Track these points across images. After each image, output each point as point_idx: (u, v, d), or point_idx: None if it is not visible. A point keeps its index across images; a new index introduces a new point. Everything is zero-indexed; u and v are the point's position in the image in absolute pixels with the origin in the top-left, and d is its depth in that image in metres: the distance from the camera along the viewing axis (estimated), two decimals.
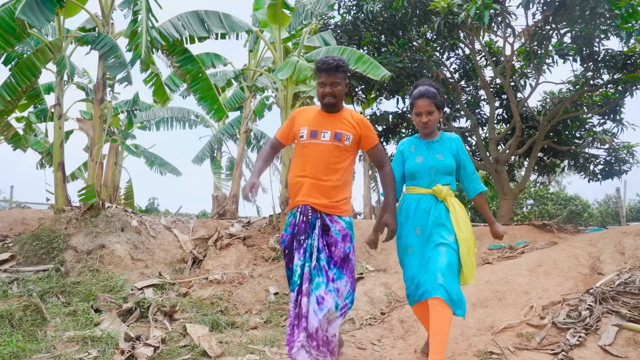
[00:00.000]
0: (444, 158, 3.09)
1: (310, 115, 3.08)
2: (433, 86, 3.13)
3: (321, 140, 2.97)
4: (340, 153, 2.99)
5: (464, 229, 2.96)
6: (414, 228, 3.07)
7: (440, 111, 3.14)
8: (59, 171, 6.91)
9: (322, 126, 3.01)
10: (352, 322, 4.69)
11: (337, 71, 2.97)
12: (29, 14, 5.66)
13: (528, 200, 21.23)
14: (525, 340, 3.76)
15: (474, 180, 3.18)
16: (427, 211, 3.04)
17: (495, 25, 9.22)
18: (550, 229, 7.11)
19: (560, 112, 10.09)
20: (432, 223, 3.00)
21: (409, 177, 3.19)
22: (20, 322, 3.84)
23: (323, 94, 2.99)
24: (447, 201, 3.04)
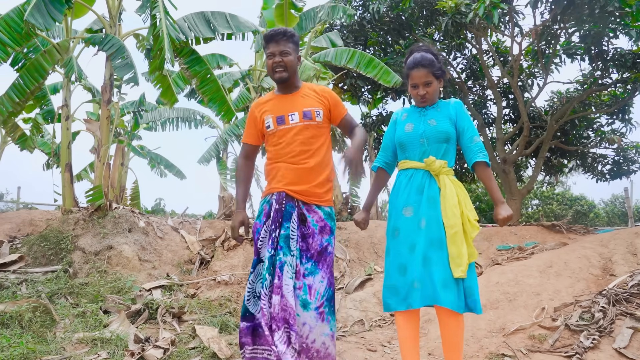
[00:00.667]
0: (437, 123, 2.64)
1: (270, 102, 2.81)
2: (430, 51, 2.70)
3: (290, 124, 2.71)
4: (313, 132, 2.72)
5: (450, 214, 2.49)
6: (402, 208, 2.63)
7: (441, 80, 2.70)
8: (66, 172, 6.92)
9: (286, 109, 2.74)
10: (362, 324, 4.67)
11: (287, 40, 2.71)
12: (37, 17, 5.68)
13: (533, 200, 21.15)
14: (537, 342, 3.72)
15: (471, 150, 2.63)
16: (420, 189, 2.60)
17: (502, 24, 9.18)
18: (559, 229, 7.06)
19: (568, 111, 10.03)
20: (426, 203, 2.56)
21: (400, 149, 2.75)
22: (30, 323, 3.83)
23: (272, 65, 2.71)
24: (440, 179, 2.59)
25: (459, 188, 2.59)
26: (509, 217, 2.54)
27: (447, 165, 2.62)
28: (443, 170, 2.58)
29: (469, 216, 2.52)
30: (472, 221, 2.52)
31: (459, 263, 2.43)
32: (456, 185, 2.58)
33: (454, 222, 2.47)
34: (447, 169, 2.60)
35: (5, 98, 6.93)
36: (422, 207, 2.56)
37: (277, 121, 2.73)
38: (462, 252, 2.44)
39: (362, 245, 6.63)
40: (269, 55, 2.73)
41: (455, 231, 2.46)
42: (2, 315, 3.83)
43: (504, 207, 2.55)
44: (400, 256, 2.58)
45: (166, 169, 15.24)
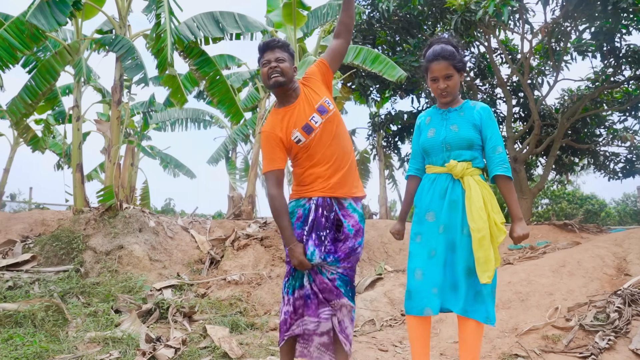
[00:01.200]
0: (458, 129, 2.53)
1: (285, 118, 2.64)
2: (451, 44, 2.58)
3: (317, 127, 2.60)
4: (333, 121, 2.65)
5: (477, 217, 2.39)
6: (425, 213, 2.57)
7: (462, 73, 2.57)
8: (77, 172, 6.97)
9: (304, 116, 2.62)
10: (373, 324, 4.64)
11: (282, 48, 2.65)
12: (39, 17, 5.74)
13: (543, 199, 20.97)
14: (551, 343, 3.67)
15: (493, 160, 2.50)
16: (443, 193, 2.53)
17: (512, 22, 9.11)
18: (571, 228, 6.99)
19: (579, 109, 9.93)
20: (448, 208, 2.49)
21: (425, 154, 2.66)
22: (43, 322, 3.86)
23: (268, 72, 2.59)
24: (464, 181, 2.49)
25: (485, 189, 2.47)
26: (525, 236, 2.42)
27: (473, 165, 2.52)
28: (467, 172, 2.49)
29: (496, 219, 2.41)
30: (498, 224, 2.41)
31: (486, 269, 2.35)
32: (482, 187, 2.47)
33: (480, 226, 2.37)
34: (471, 170, 2.50)
35: (17, 100, 7.00)
36: (443, 211, 2.51)
37: (305, 132, 2.59)
38: (489, 257, 2.36)
39: (372, 245, 6.60)
40: (264, 63, 2.63)
41: (482, 235, 2.37)
42: (15, 314, 3.86)
43: (521, 225, 2.44)
44: (419, 261, 2.54)
45: (176, 168, 15.32)
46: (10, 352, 3.24)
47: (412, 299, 2.53)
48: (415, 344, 2.57)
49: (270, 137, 2.63)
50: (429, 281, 2.49)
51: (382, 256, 6.44)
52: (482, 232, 2.37)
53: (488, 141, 2.52)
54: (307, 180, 2.65)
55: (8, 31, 5.97)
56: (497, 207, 2.47)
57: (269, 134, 2.63)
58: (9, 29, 5.97)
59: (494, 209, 2.45)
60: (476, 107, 2.57)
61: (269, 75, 2.60)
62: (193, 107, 14.51)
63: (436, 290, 2.46)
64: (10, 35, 5.97)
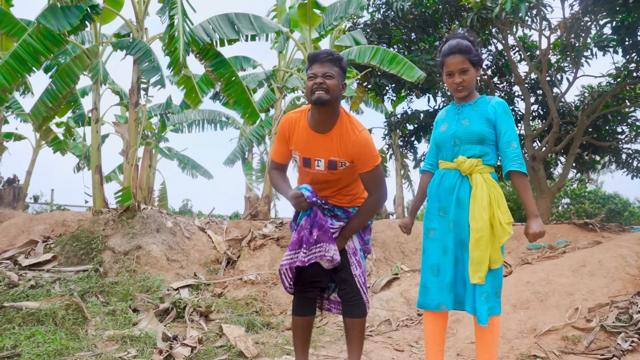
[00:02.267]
0: (469, 123, 2.50)
1: (301, 135, 2.57)
2: (466, 38, 2.56)
3: (315, 170, 2.59)
4: (340, 176, 2.62)
5: (478, 217, 2.38)
6: (437, 208, 2.58)
7: (478, 68, 2.55)
8: (96, 174, 7.09)
9: (314, 152, 2.56)
10: (389, 324, 4.62)
11: (332, 63, 2.48)
12: (50, 18, 5.86)
13: (564, 199, 20.59)
14: (571, 344, 3.61)
15: (507, 156, 2.45)
16: (451, 189, 2.52)
17: (530, 18, 8.97)
18: (592, 227, 6.84)
19: (600, 106, 9.73)
20: (456, 205, 2.49)
21: (438, 149, 2.67)
22: (63, 320, 3.94)
23: (312, 87, 2.44)
24: (472, 178, 2.47)
25: (493, 187, 2.45)
26: (541, 234, 2.36)
27: (483, 163, 2.49)
28: (476, 169, 2.47)
29: (501, 219, 2.39)
30: (503, 225, 2.38)
31: (478, 269, 2.36)
32: (490, 185, 2.44)
33: (480, 226, 2.37)
34: (481, 167, 2.48)
35: (39, 103, 7.16)
36: (451, 208, 2.51)
37: (303, 162, 2.62)
38: (484, 258, 2.36)
39: (388, 244, 6.57)
40: (310, 76, 2.48)
41: (480, 236, 2.36)
42: (37, 312, 3.95)
43: (536, 222, 2.38)
44: (434, 257, 2.55)
45: (193, 169, 15.47)
46: (32, 348, 3.31)
47: (426, 294, 2.55)
48: (429, 340, 2.59)
49: (282, 131, 2.64)
50: (443, 277, 2.49)
51: (399, 256, 6.40)
52: (480, 232, 2.37)
53: (502, 136, 2.48)
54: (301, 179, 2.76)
55: (32, 36, 6.10)
56: (505, 207, 2.44)
57: (283, 128, 2.63)
58: (32, 34, 6.11)
59: (501, 208, 2.41)
60: (491, 102, 2.54)
61: (312, 90, 2.45)
62: (209, 109, 14.65)
63: (450, 287, 2.48)
64: (33, 40, 6.11)
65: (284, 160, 2.72)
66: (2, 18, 6.45)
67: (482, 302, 2.37)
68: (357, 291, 2.64)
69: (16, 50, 6.08)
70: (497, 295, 2.45)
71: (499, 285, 2.45)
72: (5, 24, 6.48)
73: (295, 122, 2.60)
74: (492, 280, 2.42)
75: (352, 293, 2.64)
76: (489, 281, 2.40)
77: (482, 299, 2.37)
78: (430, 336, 2.58)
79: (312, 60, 2.52)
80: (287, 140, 2.63)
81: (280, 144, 2.67)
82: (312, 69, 2.50)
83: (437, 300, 2.50)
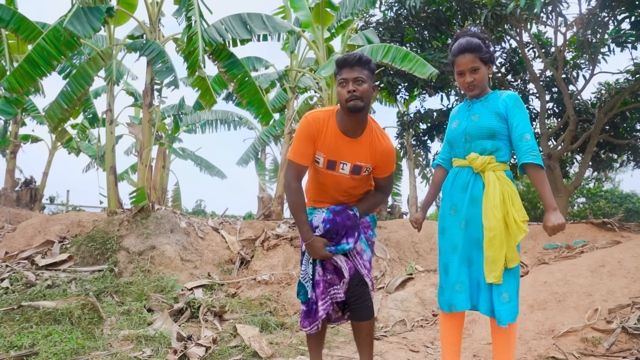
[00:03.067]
0: (479, 119, 2.46)
1: (329, 137, 2.52)
2: (477, 36, 2.52)
3: (339, 173, 2.55)
4: (357, 183, 2.62)
5: (490, 216, 2.33)
6: (449, 207, 2.55)
7: (489, 65, 2.51)
8: (111, 174, 7.14)
9: (341, 155, 2.52)
10: (403, 324, 4.58)
11: (362, 66, 2.43)
12: (76, 24, 5.91)
13: (579, 198, 20.27)
14: (590, 346, 3.54)
15: (520, 149, 2.37)
16: (464, 187, 2.48)
17: (545, 15, 8.85)
18: (611, 227, 6.71)
19: (618, 103, 9.55)
20: (469, 203, 2.44)
21: (450, 146, 2.65)
22: (79, 320, 3.97)
23: (346, 95, 2.39)
24: (484, 176, 2.42)
25: (507, 185, 2.39)
26: (560, 226, 2.25)
27: (497, 160, 2.44)
28: (489, 167, 2.42)
29: (516, 217, 2.33)
30: (518, 223, 2.33)
31: (493, 268, 2.32)
32: (503, 183, 2.39)
33: (493, 225, 2.33)
34: (494, 165, 2.43)
35: (54, 105, 7.25)
36: (464, 206, 2.47)
37: (327, 165, 2.55)
38: (498, 257, 2.31)
39: (402, 244, 6.53)
40: (341, 82, 2.43)
41: (493, 235, 2.32)
42: (54, 311, 3.99)
43: (555, 214, 2.26)
44: (444, 255, 2.54)
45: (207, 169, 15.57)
46: (49, 347, 3.34)
47: (442, 294, 2.53)
48: (445, 341, 2.57)
49: (308, 128, 2.52)
50: (452, 277, 2.47)
51: (413, 256, 6.35)
52: (493, 231, 2.33)
53: (514, 129, 2.41)
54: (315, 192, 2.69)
55: (46, 40, 6.18)
56: (520, 205, 2.39)
57: (309, 126, 2.51)
58: (47, 38, 6.18)
59: (515, 206, 2.37)
60: (502, 96, 2.49)
61: (347, 99, 2.40)
62: (222, 109, 14.72)
63: (459, 287, 2.43)
64: (47, 44, 6.18)
65: (307, 162, 2.56)
66: (20, 24, 6.54)
67: (501, 303, 2.32)
68: (363, 293, 2.57)
69: (30, 55, 6.16)
70: (517, 296, 2.39)
71: (517, 285, 2.40)
72: (23, 29, 6.57)
73: (324, 122, 2.52)
74: (511, 280, 2.36)
75: (357, 296, 2.56)
76: (508, 281, 2.35)
77: (502, 299, 2.32)
78: (446, 337, 2.56)
79: (341, 65, 2.46)
80: (314, 140, 2.52)
81: (306, 144, 2.52)
82: (342, 74, 2.44)
83: (448, 300, 2.47)
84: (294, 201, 2.52)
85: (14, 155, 11.82)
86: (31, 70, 6.18)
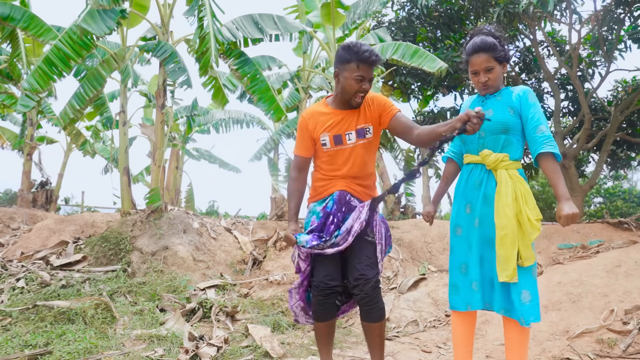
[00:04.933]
0: (493, 112, 2.43)
1: (326, 117, 2.65)
2: (492, 34, 2.51)
3: (347, 144, 2.62)
4: (367, 149, 2.67)
5: (502, 214, 2.31)
6: (464, 205, 2.51)
7: (504, 64, 2.50)
8: (124, 176, 7.22)
9: (343, 127, 2.63)
10: (416, 324, 4.55)
11: (375, 66, 2.57)
12: (90, 23, 5.99)
13: (596, 197, 19.96)
14: (606, 347, 3.47)
15: (535, 140, 2.34)
16: (478, 185, 2.46)
17: (559, 12, 8.74)
18: (627, 227, 6.59)
19: (635, 101, 9.39)
20: (482, 201, 2.42)
21: (462, 142, 2.61)
22: (93, 319, 4.01)
23: (359, 90, 2.52)
24: (497, 174, 2.40)
25: (519, 184, 2.37)
26: (574, 215, 2.19)
27: (510, 158, 2.42)
28: (501, 164, 2.39)
29: (529, 215, 2.31)
30: (532, 221, 2.30)
31: (505, 267, 2.30)
32: (516, 181, 2.37)
33: (505, 223, 2.31)
34: (507, 163, 2.40)
35: (67, 106, 7.35)
36: (478, 204, 2.44)
37: (334, 141, 2.63)
38: (510, 255, 2.29)
39: (415, 244, 6.49)
40: (358, 77, 2.51)
41: (505, 233, 2.30)
42: (68, 311, 4.03)
43: (568, 204, 2.22)
44: (461, 254, 2.52)
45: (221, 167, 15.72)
46: (63, 346, 3.38)
47: (457, 294, 2.50)
48: (457, 341, 2.54)
49: (303, 124, 2.73)
50: (469, 276, 2.45)
51: (426, 256, 6.31)
52: (505, 230, 2.31)
53: (529, 122, 2.39)
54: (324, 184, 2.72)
55: (62, 41, 6.26)
56: (533, 203, 2.36)
57: (304, 122, 2.73)
58: (63, 39, 6.26)
59: (529, 204, 2.34)
60: (515, 90, 2.46)
61: (357, 92, 2.54)
62: (235, 109, 14.78)
63: (475, 285, 2.42)
64: (64, 45, 6.26)
65: (308, 152, 2.75)
66: (30, 22, 6.63)
67: (522, 303, 2.29)
68: (375, 295, 2.54)
69: (48, 56, 6.25)
70: (537, 294, 2.36)
71: (536, 283, 2.37)
72: (32, 27, 6.66)
73: (317, 111, 2.72)
74: (529, 279, 2.34)
75: (369, 297, 2.53)
76: (526, 279, 2.33)
77: (522, 299, 2.30)
78: (458, 337, 2.54)
79: (363, 61, 2.51)
80: (310, 132, 2.69)
81: (303, 137, 2.73)
82: (361, 70, 2.51)
83: (464, 299, 2.45)
84: (289, 188, 2.79)
85: (30, 157, 11.99)
86: (50, 71, 6.28)
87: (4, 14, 6.39)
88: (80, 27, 5.88)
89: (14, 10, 6.53)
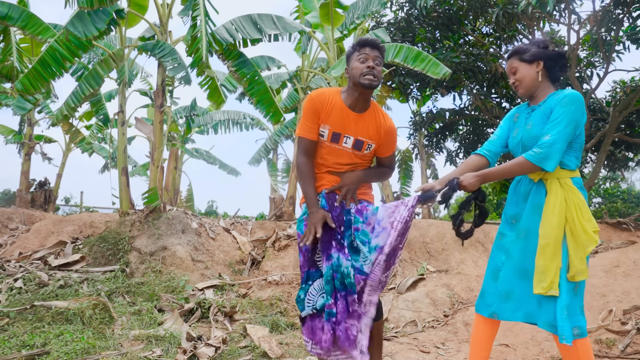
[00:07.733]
0: (531, 127, 2.40)
1: (336, 112, 2.58)
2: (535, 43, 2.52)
3: (342, 146, 2.59)
4: (360, 158, 2.64)
5: (546, 223, 2.26)
6: (510, 215, 2.49)
7: (534, 63, 2.46)
8: (122, 176, 7.20)
9: (345, 129, 2.57)
10: (414, 325, 4.55)
11: (380, 51, 2.56)
12: (77, 25, 5.99)
13: (595, 198, 19.97)
14: (605, 347, 3.48)
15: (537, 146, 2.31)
16: (525, 196, 2.42)
17: (558, 12, 8.74)
18: (626, 227, 6.61)
19: (633, 101, 9.39)
20: (530, 211, 2.36)
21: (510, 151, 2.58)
22: (91, 319, 4.00)
23: (365, 70, 2.48)
24: (547, 184, 2.34)
25: (571, 193, 2.29)
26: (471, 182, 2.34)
27: (561, 167, 2.34)
28: (550, 175, 2.33)
29: (585, 226, 2.23)
30: (589, 232, 2.22)
31: (542, 278, 2.22)
32: (567, 190, 2.29)
33: (547, 232, 2.25)
34: (557, 172, 2.34)
35: (64, 105, 7.36)
36: (525, 215, 2.40)
37: (332, 137, 2.59)
38: (549, 267, 2.21)
39: (413, 244, 6.48)
40: (363, 57, 2.51)
41: (546, 242, 2.24)
42: (66, 311, 4.03)
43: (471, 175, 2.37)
44: (496, 261, 2.48)
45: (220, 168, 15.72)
46: (61, 347, 3.38)
47: (481, 297, 2.48)
48: (474, 344, 2.50)
49: (312, 105, 2.58)
50: (501, 285, 2.40)
51: (424, 256, 6.30)
52: (547, 239, 2.25)
53: (551, 127, 2.31)
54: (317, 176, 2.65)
55: (57, 41, 6.25)
56: (588, 214, 2.29)
57: (313, 102, 2.58)
58: (59, 39, 6.25)
59: (584, 215, 2.27)
60: (557, 95, 2.38)
61: (364, 73, 2.49)
62: (235, 110, 14.78)
63: (507, 296, 2.36)
64: (60, 45, 6.25)
65: (314, 136, 2.60)
66: (28, 20, 6.62)
67: (563, 318, 2.18)
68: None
69: (42, 56, 6.23)
70: (582, 311, 2.25)
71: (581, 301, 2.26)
72: (30, 25, 6.64)
73: (328, 97, 2.60)
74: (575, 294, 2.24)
75: None
76: (570, 294, 2.23)
77: (564, 315, 2.18)
78: (477, 341, 2.49)
79: (363, 44, 2.57)
80: (318, 116, 2.58)
81: (311, 120, 2.59)
82: (364, 51, 2.54)
83: (491, 307, 2.40)
84: (300, 172, 2.60)
85: (29, 157, 11.98)
86: (44, 72, 6.26)
87: (2, 13, 6.38)
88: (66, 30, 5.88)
89: (12, 9, 6.53)
